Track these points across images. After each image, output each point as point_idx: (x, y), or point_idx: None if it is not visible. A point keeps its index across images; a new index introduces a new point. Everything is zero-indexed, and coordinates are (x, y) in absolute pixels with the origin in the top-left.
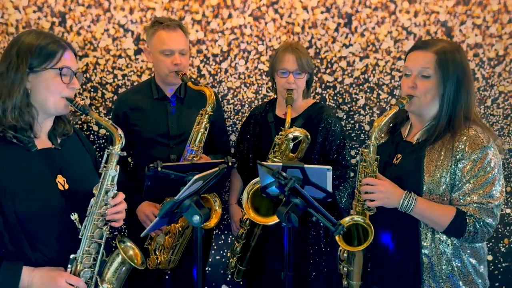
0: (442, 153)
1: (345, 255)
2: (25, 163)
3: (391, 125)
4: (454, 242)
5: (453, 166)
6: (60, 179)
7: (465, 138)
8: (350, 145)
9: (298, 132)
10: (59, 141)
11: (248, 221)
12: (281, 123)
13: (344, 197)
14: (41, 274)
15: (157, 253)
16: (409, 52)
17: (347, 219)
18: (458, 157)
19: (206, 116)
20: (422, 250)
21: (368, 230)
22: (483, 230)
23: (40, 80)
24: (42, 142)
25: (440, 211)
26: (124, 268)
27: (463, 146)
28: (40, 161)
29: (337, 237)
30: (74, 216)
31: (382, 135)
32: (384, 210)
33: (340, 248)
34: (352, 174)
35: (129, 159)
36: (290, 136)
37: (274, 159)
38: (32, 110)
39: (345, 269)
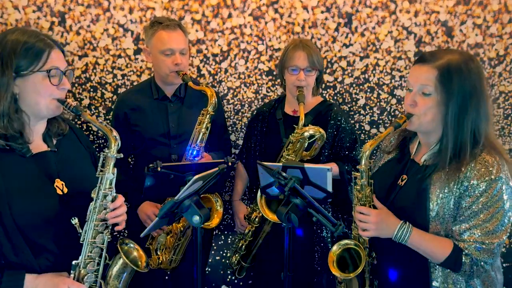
0: (448, 183)
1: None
2: (20, 169)
3: (401, 138)
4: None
5: (457, 198)
6: (58, 183)
7: (471, 167)
8: None
9: (313, 130)
10: (54, 142)
11: (257, 219)
12: (290, 120)
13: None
14: (44, 280)
15: (159, 253)
16: (413, 64)
17: (335, 247)
18: (463, 188)
19: (208, 116)
20: (433, 284)
21: (360, 252)
22: (479, 269)
23: (28, 84)
24: (37, 145)
25: (436, 245)
26: (127, 272)
27: (469, 177)
28: (36, 166)
29: (330, 265)
30: (75, 221)
31: (391, 149)
32: (391, 247)
33: None
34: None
35: (129, 159)
36: (306, 134)
37: (288, 157)
38: (22, 115)
39: None
